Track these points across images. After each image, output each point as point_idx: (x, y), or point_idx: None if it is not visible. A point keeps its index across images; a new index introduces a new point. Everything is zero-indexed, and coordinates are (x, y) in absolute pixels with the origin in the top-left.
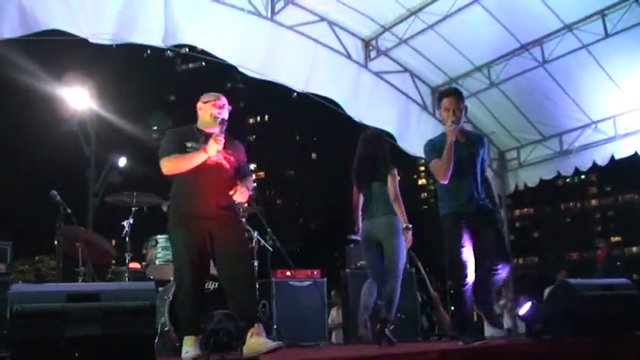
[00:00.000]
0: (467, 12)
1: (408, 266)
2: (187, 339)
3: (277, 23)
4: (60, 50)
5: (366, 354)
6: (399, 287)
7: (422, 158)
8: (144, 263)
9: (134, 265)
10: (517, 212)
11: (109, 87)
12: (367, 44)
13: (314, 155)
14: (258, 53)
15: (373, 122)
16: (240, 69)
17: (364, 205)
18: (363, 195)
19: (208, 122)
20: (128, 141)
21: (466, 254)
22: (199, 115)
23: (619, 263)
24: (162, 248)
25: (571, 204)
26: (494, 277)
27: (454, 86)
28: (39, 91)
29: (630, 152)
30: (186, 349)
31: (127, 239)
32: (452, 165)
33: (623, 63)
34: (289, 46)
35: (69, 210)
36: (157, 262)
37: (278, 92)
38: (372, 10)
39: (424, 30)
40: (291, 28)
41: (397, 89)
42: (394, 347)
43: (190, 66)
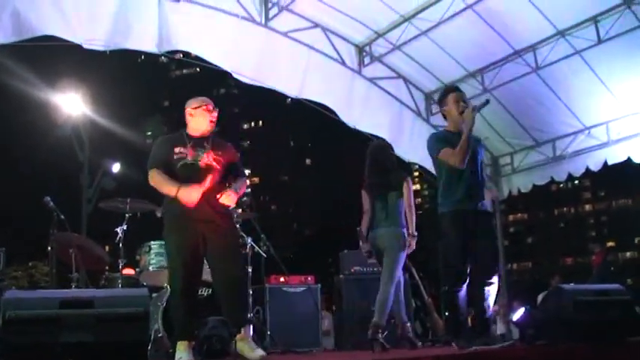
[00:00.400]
0: (460, 18)
1: (402, 271)
2: (180, 344)
3: (271, 29)
4: (54, 56)
5: None
6: (392, 295)
7: (416, 164)
8: (137, 269)
9: (128, 272)
10: (511, 218)
11: (103, 92)
12: (361, 50)
13: (308, 161)
14: (252, 59)
15: (367, 128)
16: (234, 75)
17: (374, 214)
18: (376, 205)
19: (201, 128)
20: (122, 147)
21: (462, 254)
22: (189, 121)
23: (613, 268)
24: (155, 254)
25: (565, 209)
26: (486, 292)
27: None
28: (33, 97)
29: (623, 158)
30: (179, 355)
31: (121, 245)
32: (470, 150)
33: (615, 69)
34: (283, 52)
35: (62, 216)
36: (151, 269)
37: (272, 98)
38: (366, 17)
39: (418, 36)
40: (285, 35)
41: (391, 95)
42: (387, 353)
43: (184, 72)
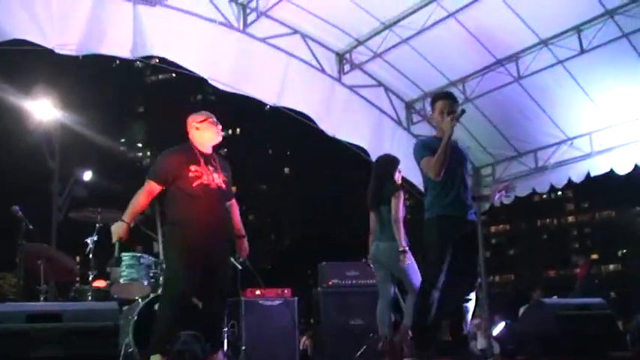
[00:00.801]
0: (442, 26)
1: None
2: (154, 358)
3: (249, 35)
4: (25, 60)
5: None
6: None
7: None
8: (108, 282)
9: (99, 284)
10: (493, 229)
11: (76, 98)
12: (341, 58)
13: (287, 169)
14: (229, 65)
15: (346, 137)
16: (210, 82)
17: (376, 227)
18: (375, 217)
19: (208, 142)
20: (95, 154)
21: (443, 256)
22: (195, 135)
23: (597, 281)
24: (126, 266)
25: (547, 221)
26: (464, 307)
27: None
28: (2, 102)
29: (606, 169)
30: None
31: (91, 257)
32: (447, 161)
33: (598, 79)
34: (261, 59)
35: (30, 226)
36: (122, 281)
37: (250, 105)
38: (346, 24)
39: (399, 44)
40: (263, 41)
41: (371, 103)
42: None
43: (160, 77)
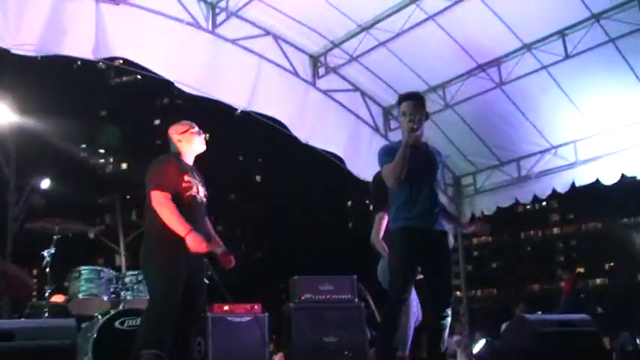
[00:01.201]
0: (421, 29)
1: (357, 300)
2: None
3: (218, 36)
4: None
5: None
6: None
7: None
8: (67, 297)
9: (57, 299)
10: (474, 241)
11: (33, 101)
12: (315, 61)
13: (258, 178)
14: (197, 68)
15: (321, 144)
16: (177, 85)
17: None
18: None
19: (192, 153)
20: (53, 160)
21: (408, 273)
22: (179, 147)
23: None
24: (86, 281)
25: (532, 232)
26: (441, 324)
27: (415, 91)
28: None
29: (591, 179)
30: None
31: (48, 270)
32: (405, 167)
33: (584, 85)
34: (231, 61)
35: None
36: (81, 296)
37: (220, 109)
38: (321, 25)
39: (376, 47)
40: (233, 42)
41: (347, 109)
42: None
43: (124, 79)
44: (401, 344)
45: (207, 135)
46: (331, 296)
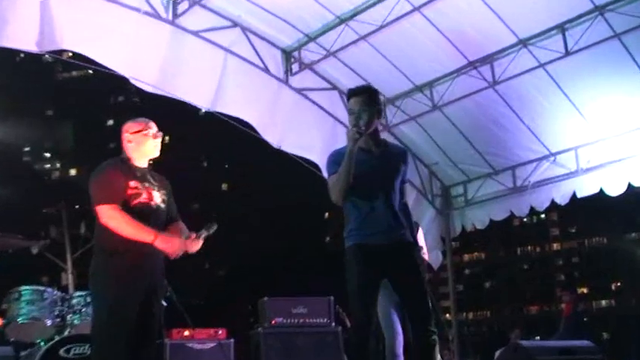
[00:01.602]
0: (405, 22)
1: (333, 324)
2: None
3: (180, 28)
4: None
5: None
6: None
7: None
8: (4, 321)
9: None
10: (466, 257)
11: None
12: (288, 56)
13: (225, 186)
14: (155, 63)
15: (294, 149)
16: (132, 81)
17: None
18: None
19: (142, 157)
20: None
21: (370, 296)
22: (129, 148)
23: (586, 319)
24: (26, 302)
25: (529, 248)
26: (429, 343)
27: (367, 84)
28: None
29: (594, 190)
30: None
31: None
32: (349, 181)
33: (586, 85)
34: (194, 56)
35: None
36: (20, 320)
37: (181, 109)
38: (295, 17)
39: (356, 41)
40: (196, 34)
41: (323, 110)
42: None
43: (74, 74)
44: None
45: (167, 137)
46: (305, 320)
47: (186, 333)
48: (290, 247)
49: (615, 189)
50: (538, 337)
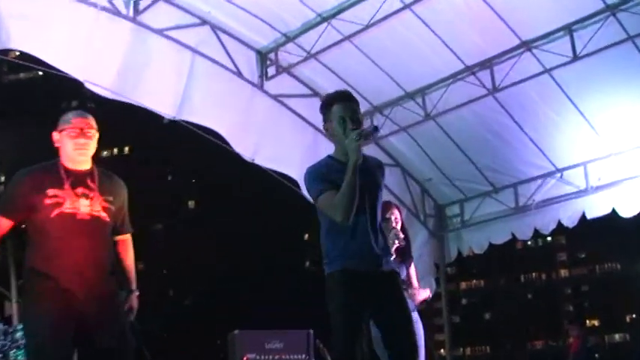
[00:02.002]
0: (395, 21)
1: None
2: None
3: (142, 25)
4: None
5: None
6: None
7: None
8: None
9: None
10: (463, 285)
11: None
12: (264, 58)
13: (191, 203)
14: (113, 65)
15: (270, 163)
16: (87, 85)
17: None
18: None
19: (69, 159)
20: None
21: (356, 329)
22: (59, 149)
23: (597, 356)
24: None
25: (533, 275)
26: None
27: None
28: None
29: (606, 210)
30: None
31: None
32: (356, 196)
33: (596, 93)
34: (157, 57)
35: None
36: None
37: (143, 116)
38: (272, 14)
39: (340, 42)
40: (160, 33)
41: (302, 118)
42: None
43: (21, 76)
44: None
45: (126, 148)
46: (280, 356)
47: None
48: (264, 273)
49: (629, 209)
50: None
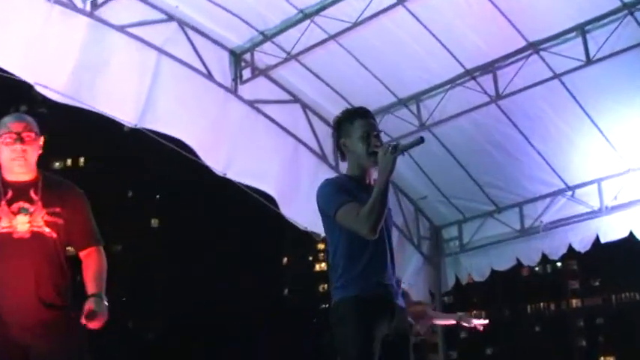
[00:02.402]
0: (386, 19)
1: None
2: None
3: (100, 21)
4: None
5: None
6: None
7: (317, 234)
8: None
9: None
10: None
11: None
12: (238, 58)
13: (155, 221)
14: (67, 65)
15: (244, 177)
16: (38, 88)
17: None
18: None
19: (8, 169)
20: None
21: (373, 351)
22: None
23: None
24: None
25: (541, 305)
26: None
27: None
28: None
29: (623, 233)
30: None
31: None
32: (385, 211)
33: (611, 102)
34: (117, 57)
35: None
36: None
37: (101, 124)
38: (247, 10)
39: (324, 41)
40: (121, 30)
41: (282, 127)
42: None
43: None
44: None
45: (81, 159)
46: None
47: None
48: (238, 303)
49: None
50: None
